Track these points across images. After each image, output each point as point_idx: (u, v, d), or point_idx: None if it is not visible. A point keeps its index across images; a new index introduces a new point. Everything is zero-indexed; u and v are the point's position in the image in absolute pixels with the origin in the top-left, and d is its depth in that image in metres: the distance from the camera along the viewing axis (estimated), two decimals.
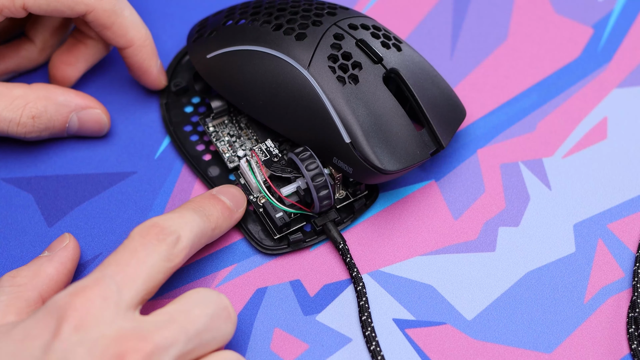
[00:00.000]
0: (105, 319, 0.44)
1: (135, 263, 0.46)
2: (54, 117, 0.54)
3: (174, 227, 0.47)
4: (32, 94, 0.54)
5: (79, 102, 0.55)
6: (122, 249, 0.46)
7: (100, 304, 0.44)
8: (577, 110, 0.58)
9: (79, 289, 0.44)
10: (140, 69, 0.56)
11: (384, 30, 0.55)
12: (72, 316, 0.43)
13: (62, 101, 0.55)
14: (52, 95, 0.54)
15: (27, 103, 0.54)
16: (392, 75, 0.53)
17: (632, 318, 0.51)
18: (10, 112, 0.53)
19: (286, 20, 0.54)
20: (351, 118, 0.52)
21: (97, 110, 0.55)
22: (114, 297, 0.44)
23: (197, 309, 0.45)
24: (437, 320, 0.52)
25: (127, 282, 0.45)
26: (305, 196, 0.52)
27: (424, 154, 0.53)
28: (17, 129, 0.54)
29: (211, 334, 0.45)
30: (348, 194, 0.55)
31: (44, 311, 0.44)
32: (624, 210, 0.55)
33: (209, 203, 0.51)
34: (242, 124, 0.57)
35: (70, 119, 0.55)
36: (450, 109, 0.55)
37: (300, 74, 0.53)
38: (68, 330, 0.43)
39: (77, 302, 0.44)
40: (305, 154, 0.52)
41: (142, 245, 0.46)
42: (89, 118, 0.55)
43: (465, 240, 0.54)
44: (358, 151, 0.52)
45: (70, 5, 0.52)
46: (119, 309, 0.44)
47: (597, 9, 0.62)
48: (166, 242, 0.47)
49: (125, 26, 0.54)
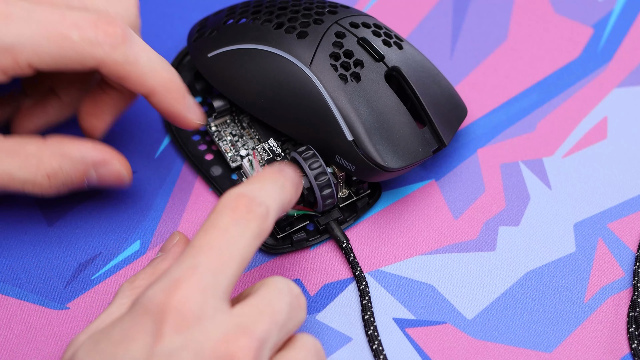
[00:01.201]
0: (206, 315, 0.42)
1: (228, 245, 0.43)
2: (70, 174, 0.50)
3: (261, 197, 0.45)
4: (47, 150, 0.50)
5: (96, 157, 0.51)
6: (212, 228, 0.44)
7: (199, 299, 0.42)
8: (577, 110, 0.58)
9: (173, 282, 0.42)
10: (168, 115, 0.51)
11: (385, 29, 0.55)
12: (172, 316, 0.41)
13: (78, 157, 0.50)
14: (68, 151, 0.50)
15: (42, 161, 0.50)
16: (393, 73, 0.53)
17: (633, 317, 0.51)
18: (25, 171, 0.50)
19: (287, 18, 0.54)
20: (353, 116, 0.52)
21: (115, 164, 0.51)
22: (211, 287, 0.42)
23: (277, 299, 0.44)
24: (438, 319, 0.52)
25: (222, 268, 0.43)
26: (308, 195, 0.52)
27: (426, 152, 0.53)
28: (33, 189, 0.50)
29: (292, 323, 0.44)
30: (351, 193, 0.55)
31: (140, 309, 0.42)
32: (624, 210, 0.55)
33: (280, 175, 0.48)
34: (244, 124, 0.57)
35: (88, 175, 0.51)
36: (452, 107, 0.55)
37: (302, 72, 0.53)
38: (170, 332, 0.41)
39: (174, 299, 0.42)
40: (308, 153, 0.52)
41: (234, 221, 0.44)
42: (107, 173, 0.51)
43: (465, 240, 0.54)
44: (361, 149, 0.52)
45: (79, 60, 0.48)
46: (217, 300, 0.42)
47: (597, 9, 0.62)
48: (257, 216, 0.44)
49: (142, 74, 0.49)
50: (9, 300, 0.52)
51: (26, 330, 0.52)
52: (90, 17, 0.48)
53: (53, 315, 0.52)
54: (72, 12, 0.48)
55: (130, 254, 0.54)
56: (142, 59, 0.49)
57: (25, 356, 0.51)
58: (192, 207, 0.55)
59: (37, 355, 0.51)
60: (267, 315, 0.43)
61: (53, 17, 0.47)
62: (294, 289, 0.45)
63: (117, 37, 0.48)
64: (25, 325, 0.52)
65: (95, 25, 0.48)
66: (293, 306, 0.44)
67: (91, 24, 0.48)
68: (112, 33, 0.48)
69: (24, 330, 0.52)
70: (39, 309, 0.52)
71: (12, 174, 0.50)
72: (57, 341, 0.51)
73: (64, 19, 0.47)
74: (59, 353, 0.51)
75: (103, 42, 0.48)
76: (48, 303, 0.52)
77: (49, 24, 0.47)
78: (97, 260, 0.54)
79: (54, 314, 0.52)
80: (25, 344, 0.51)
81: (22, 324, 0.52)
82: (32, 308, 0.52)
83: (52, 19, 0.47)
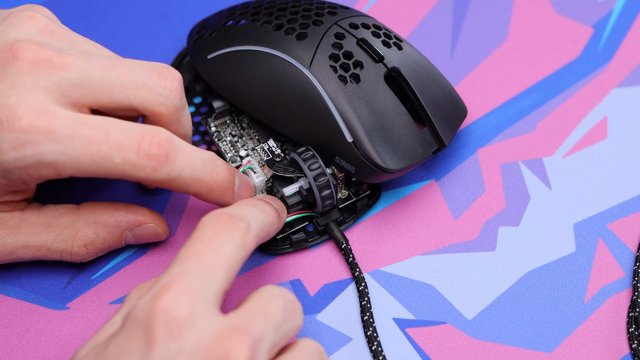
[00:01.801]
0: (197, 319, 0.42)
1: (213, 253, 0.44)
2: (107, 240, 0.51)
3: (241, 214, 0.45)
4: (81, 220, 0.50)
5: (131, 220, 0.51)
6: (196, 240, 0.44)
7: (189, 302, 0.42)
8: (577, 110, 0.58)
9: (161, 288, 0.42)
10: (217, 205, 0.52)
11: (385, 30, 0.55)
12: (162, 320, 0.41)
13: (113, 223, 0.51)
14: (102, 218, 0.51)
15: (77, 232, 0.50)
16: (393, 74, 0.53)
17: (633, 317, 0.51)
18: (61, 243, 0.50)
19: (287, 20, 0.54)
20: (353, 117, 0.52)
21: (150, 224, 0.52)
22: (200, 291, 0.42)
23: (271, 304, 0.44)
24: (438, 319, 0.52)
25: (209, 274, 0.43)
26: (307, 196, 0.52)
27: (426, 153, 0.53)
28: (70, 257, 0.51)
29: (288, 325, 0.44)
30: (350, 194, 0.55)
31: (132, 321, 0.42)
32: (624, 210, 0.55)
33: (260, 202, 0.49)
34: (244, 124, 0.57)
35: (125, 237, 0.52)
36: (452, 107, 0.55)
37: (302, 74, 0.53)
38: (162, 338, 0.41)
39: (163, 303, 0.42)
40: (308, 154, 0.52)
41: (216, 233, 0.44)
42: (143, 233, 0.52)
43: (465, 240, 0.54)
44: (360, 150, 0.52)
45: (121, 177, 0.47)
46: (208, 304, 0.42)
47: (597, 9, 0.62)
48: (239, 228, 0.45)
49: (185, 185, 0.48)
50: (9, 300, 0.52)
51: (26, 330, 0.52)
52: (134, 136, 0.47)
53: (53, 315, 0.52)
54: (116, 129, 0.47)
55: (130, 254, 0.54)
56: (184, 173, 0.48)
57: (25, 356, 0.51)
58: (191, 207, 0.55)
59: (37, 355, 0.51)
60: (260, 317, 0.43)
61: (96, 135, 0.46)
62: (288, 294, 0.45)
63: (160, 160, 0.47)
64: (25, 325, 0.52)
65: (138, 147, 0.47)
66: (288, 310, 0.45)
67: (134, 145, 0.47)
68: (154, 155, 0.47)
69: (24, 330, 0.52)
70: (39, 309, 0.52)
71: (49, 246, 0.50)
72: (57, 341, 0.51)
73: (107, 138, 0.46)
74: (59, 353, 0.51)
75: (145, 166, 0.47)
76: (48, 303, 0.52)
77: (91, 144, 0.46)
78: (97, 260, 0.54)
79: (54, 314, 0.52)
80: (25, 344, 0.51)
81: (22, 324, 0.52)
82: (32, 308, 0.52)
83: (95, 138, 0.46)
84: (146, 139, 0.47)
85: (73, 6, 0.63)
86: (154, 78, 0.48)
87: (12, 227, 0.50)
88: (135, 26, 0.62)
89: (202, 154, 0.49)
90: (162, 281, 0.43)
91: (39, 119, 0.46)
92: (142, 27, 0.62)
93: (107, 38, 0.62)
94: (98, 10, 0.63)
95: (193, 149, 0.48)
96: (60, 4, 0.63)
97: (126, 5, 0.63)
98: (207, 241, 0.44)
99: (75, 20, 0.62)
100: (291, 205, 0.53)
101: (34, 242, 0.50)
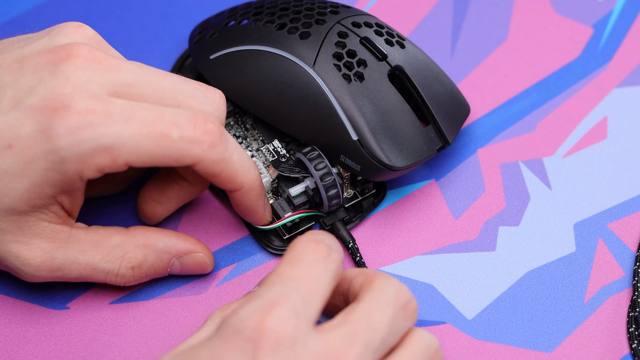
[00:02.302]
0: (299, 340, 0.42)
1: (314, 278, 0.43)
2: (154, 265, 0.51)
3: (335, 247, 0.45)
4: (131, 242, 0.50)
5: (181, 247, 0.51)
6: (298, 262, 0.44)
7: (295, 323, 0.42)
8: (577, 110, 0.58)
9: (268, 304, 0.42)
10: (246, 210, 0.51)
11: (387, 28, 0.55)
12: (271, 337, 0.41)
13: (163, 248, 0.51)
14: (152, 242, 0.51)
15: (126, 253, 0.50)
16: (396, 73, 0.53)
17: (633, 317, 0.51)
18: (108, 263, 0.50)
19: (289, 19, 0.54)
20: (358, 115, 0.52)
21: (199, 254, 0.52)
22: (303, 313, 0.42)
23: (377, 314, 0.44)
24: (438, 319, 0.52)
25: (311, 298, 0.43)
26: (314, 196, 0.52)
27: (431, 150, 0.53)
28: (115, 280, 0.51)
29: (394, 337, 0.44)
30: (356, 193, 0.55)
31: (231, 330, 0.42)
32: (624, 210, 0.55)
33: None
34: (247, 125, 0.57)
35: (172, 264, 0.51)
36: (455, 105, 0.55)
37: (306, 73, 0.53)
38: (265, 354, 0.41)
39: (273, 321, 0.41)
40: (314, 154, 0.52)
41: (317, 261, 0.44)
42: (191, 262, 0.52)
43: (465, 240, 0.54)
44: (366, 148, 0.52)
45: (176, 157, 0.47)
46: (308, 326, 0.42)
47: (597, 9, 0.62)
48: (335, 260, 0.45)
49: (234, 172, 0.49)
50: (9, 300, 0.52)
51: (26, 330, 0.52)
52: (188, 115, 0.47)
53: (53, 315, 0.52)
54: (170, 110, 0.47)
55: None
56: (235, 157, 0.49)
57: (25, 356, 0.51)
58: (191, 208, 0.55)
59: (37, 355, 0.51)
60: (361, 338, 0.43)
61: (152, 115, 0.47)
62: (402, 295, 0.45)
63: (215, 136, 0.48)
64: (25, 325, 0.52)
65: (194, 124, 0.47)
66: (397, 319, 0.44)
67: (190, 122, 0.47)
68: (211, 131, 0.47)
69: (24, 330, 0.52)
70: (39, 309, 0.52)
71: (96, 266, 0.50)
72: (57, 341, 0.51)
73: (162, 117, 0.47)
74: (59, 353, 0.51)
75: (202, 141, 0.47)
76: (48, 303, 0.52)
77: (148, 123, 0.46)
78: None
79: (54, 314, 0.52)
80: (25, 344, 0.51)
81: (22, 324, 0.52)
82: (32, 308, 0.52)
83: (151, 118, 0.47)
84: (200, 117, 0.47)
85: (73, 6, 0.63)
86: (203, 91, 0.49)
87: (62, 242, 0.49)
88: (136, 26, 0.62)
89: (244, 151, 0.50)
90: (266, 297, 0.42)
91: (95, 103, 0.46)
92: (142, 27, 0.62)
93: (107, 38, 0.61)
94: (98, 10, 0.63)
95: (238, 144, 0.50)
96: (60, 4, 0.63)
97: (126, 5, 0.63)
98: (308, 265, 0.44)
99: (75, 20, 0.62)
100: (297, 206, 0.53)
101: (81, 259, 0.50)
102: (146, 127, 0.46)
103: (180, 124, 0.47)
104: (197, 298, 0.52)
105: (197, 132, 0.47)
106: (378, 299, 0.44)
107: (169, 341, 0.51)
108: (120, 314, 0.52)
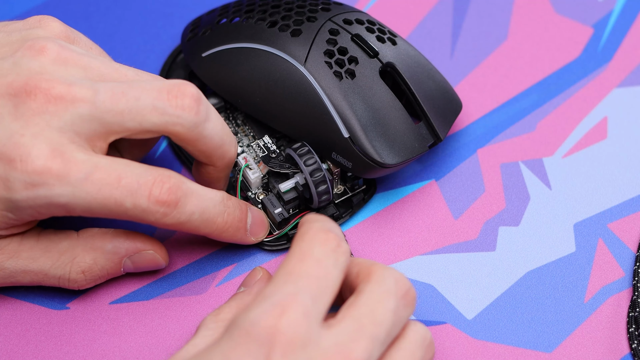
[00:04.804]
0: (310, 341, 0.42)
1: (324, 275, 0.44)
2: (106, 267, 0.51)
3: (342, 236, 0.46)
4: (79, 245, 0.50)
5: (130, 247, 0.51)
6: (306, 257, 0.44)
7: (305, 324, 0.42)
8: (577, 110, 0.58)
9: (278, 306, 0.42)
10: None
11: (379, 25, 0.55)
12: (285, 340, 0.42)
13: (112, 249, 0.51)
14: (100, 244, 0.50)
15: (75, 257, 0.50)
16: (388, 69, 0.53)
17: (633, 317, 0.51)
18: (59, 269, 0.50)
19: (281, 17, 0.54)
20: (349, 113, 0.52)
21: (149, 251, 0.51)
22: (313, 313, 0.43)
23: (380, 307, 0.44)
24: (437, 319, 0.52)
25: (321, 296, 0.43)
26: (303, 191, 0.52)
27: (422, 147, 0.53)
28: (68, 284, 0.51)
29: (397, 327, 0.45)
30: (346, 189, 0.55)
31: (242, 332, 0.42)
32: (624, 210, 0.55)
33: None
34: (239, 121, 0.57)
35: (124, 264, 0.51)
36: (447, 101, 0.55)
37: (297, 70, 0.53)
38: (278, 356, 0.41)
39: (283, 323, 0.42)
40: (303, 150, 0.52)
41: (326, 253, 0.44)
42: (142, 260, 0.52)
43: (465, 240, 0.54)
44: (357, 145, 0.52)
45: (132, 218, 0.48)
46: (317, 324, 0.43)
47: (597, 9, 0.62)
48: (344, 252, 0.45)
49: (196, 228, 0.49)
50: (9, 300, 0.52)
51: (26, 330, 0.52)
52: (146, 182, 0.47)
53: (53, 315, 0.52)
54: (129, 174, 0.47)
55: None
56: (194, 217, 0.48)
57: (25, 356, 0.51)
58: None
59: (37, 355, 0.51)
60: (367, 332, 0.43)
61: (109, 180, 0.46)
62: (402, 286, 0.45)
63: (170, 205, 0.47)
64: (25, 325, 0.52)
65: (149, 194, 0.47)
66: (399, 310, 0.45)
67: (145, 192, 0.47)
68: (165, 202, 0.47)
69: (24, 330, 0.52)
70: (39, 309, 0.52)
71: (47, 272, 0.50)
72: (57, 341, 0.51)
73: (119, 183, 0.47)
74: (59, 353, 0.51)
75: (155, 211, 0.47)
76: (48, 303, 0.52)
77: (103, 189, 0.46)
78: None
79: (54, 314, 0.52)
80: (25, 344, 0.51)
81: (22, 324, 0.52)
82: (32, 308, 0.52)
83: (108, 183, 0.46)
84: (157, 184, 0.47)
85: (73, 6, 0.63)
86: (163, 99, 0.48)
87: (11, 252, 0.50)
88: (135, 26, 0.62)
89: (213, 196, 0.49)
90: (276, 298, 0.43)
91: (53, 161, 0.46)
92: (142, 27, 0.62)
93: (107, 38, 0.62)
94: (98, 10, 0.63)
95: (204, 191, 0.49)
96: (60, 4, 0.63)
97: (126, 5, 0.63)
98: (317, 260, 0.44)
99: (75, 20, 0.62)
100: (287, 201, 0.53)
101: (32, 267, 0.50)
102: (101, 193, 0.46)
103: (135, 193, 0.47)
104: (197, 298, 0.52)
105: (151, 203, 0.47)
106: (379, 291, 0.45)
107: (169, 341, 0.51)
108: (120, 314, 0.52)
